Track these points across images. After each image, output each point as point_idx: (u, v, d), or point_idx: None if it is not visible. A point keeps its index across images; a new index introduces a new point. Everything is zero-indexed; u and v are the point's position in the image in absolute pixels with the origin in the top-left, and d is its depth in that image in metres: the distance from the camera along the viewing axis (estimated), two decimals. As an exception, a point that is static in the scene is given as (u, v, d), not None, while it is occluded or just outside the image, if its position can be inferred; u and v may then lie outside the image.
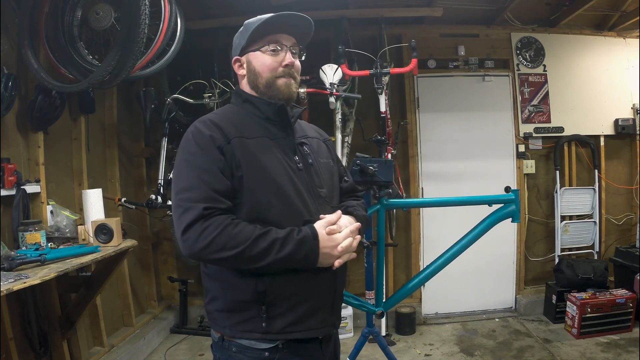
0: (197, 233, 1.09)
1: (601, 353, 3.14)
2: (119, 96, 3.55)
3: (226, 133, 1.19)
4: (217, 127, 1.20)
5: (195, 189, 1.13)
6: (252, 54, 1.29)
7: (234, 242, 1.09)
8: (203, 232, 1.09)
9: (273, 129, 1.28)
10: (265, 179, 1.18)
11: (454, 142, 3.96)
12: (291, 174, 1.23)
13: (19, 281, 1.77)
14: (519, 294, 4.01)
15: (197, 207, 1.11)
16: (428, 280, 2.32)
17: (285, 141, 1.29)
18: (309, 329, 1.22)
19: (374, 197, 2.29)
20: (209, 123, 1.22)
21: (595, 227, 4.00)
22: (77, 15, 2.55)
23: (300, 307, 1.20)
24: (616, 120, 4.03)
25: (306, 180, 1.27)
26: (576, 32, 4.05)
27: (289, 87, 1.29)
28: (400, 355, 3.26)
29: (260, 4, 3.31)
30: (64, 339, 2.65)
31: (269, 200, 1.18)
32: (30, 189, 2.49)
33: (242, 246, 1.09)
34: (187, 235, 1.10)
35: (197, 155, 1.16)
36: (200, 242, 1.09)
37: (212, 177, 1.14)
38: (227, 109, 1.34)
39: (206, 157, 1.16)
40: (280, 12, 1.27)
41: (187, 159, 1.18)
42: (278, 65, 1.27)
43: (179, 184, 1.16)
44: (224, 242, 1.09)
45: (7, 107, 2.36)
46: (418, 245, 3.94)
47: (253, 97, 1.31)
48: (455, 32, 3.97)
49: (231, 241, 1.09)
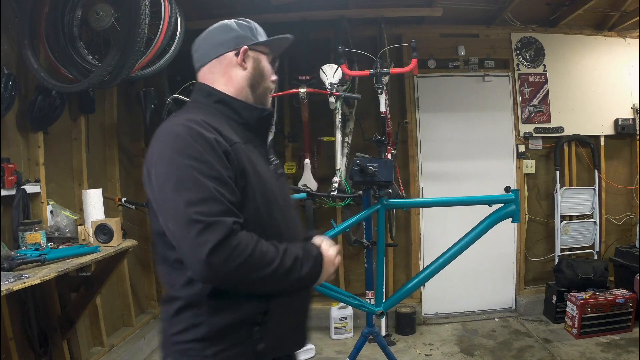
0: (226, 253, 0.95)
1: (601, 353, 3.14)
2: (119, 96, 3.55)
3: (225, 135, 1.07)
4: (214, 129, 1.07)
5: (215, 201, 0.98)
6: (261, 55, 1.24)
7: (266, 261, 1.00)
8: (234, 251, 0.96)
9: (250, 136, 1.18)
10: (265, 189, 1.12)
11: (454, 142, 3.96)
12: (276, 183, 1.19)
13: (19, 281, 1.77)
14: (519, 294, 4.01)
15: (225, 223, 0.96)
16: (428, 280, 2.31)
17: (263, 149, 1.23)
18: (290, 346, 1.20)
19: (374, 197, 2.29)
20: (205, 124, 1.06)
21: (595, 227, 4.00)
22: (77, 15, 2.55)
23: (289, 324, 1.17)
24: (616, 120, 4.03)
25: (283, 189, 1.25)
26: (576, 32, 4.05)
27: (269, 101, 1.29)
28: (400, 355, 3.26)
29: (260, 4, 3.31)
30: (64, 339, 2.65)
31: (271, 211, 1.13)
32: (30, 189, 2.49)
33: (272, 265, 1.01)
34: (216, 256, 0.94)
35: (206, 161, 1.00)
36: (231, 263, 0.95)
37: (227, 188, 1.01)
38: (201, 108, 1.17)
39: (216, 163, 1.02)
40: (287, 37, 1.28)
41: (194, 165, 0.99)
42: (271, 77, 1.27)
43: (190, 195, 0.97)
44: (257, 262, 0.99)
45: (7, 107, 2.36)
46: (418, 245, 3.94)
47: (231, 99, 1.19)
48: (455, 32, 3.97)
49: (263, 259, 1.00)
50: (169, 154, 1.02)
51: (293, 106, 3.67)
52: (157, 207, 1.06)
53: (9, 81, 2.33)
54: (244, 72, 1.21)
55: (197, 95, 1.22)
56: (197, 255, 0.95)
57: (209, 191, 0.98)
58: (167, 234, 1.04)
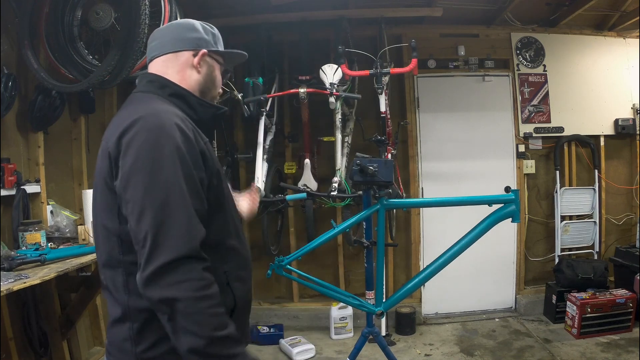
0: (185, 275, 0.90)
1: (601, 353, 3.14)
2: (119, 96, 3.54)
3: (198, 132, 1.07)
4: (191, 124, 1.06)
5: (184, 210, 0.94)
6: (216, 64, 1.24)
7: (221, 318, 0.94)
8: (200, 281, 0.91)
9: (202, 133, 1.14)
10: (224, 186, 1.11)
11: (454, 142, 3.96)
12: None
13: (19, 281, 1.77)
14: (519, 294, 4.01)
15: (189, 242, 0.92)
16: (428, 280, 2.31)
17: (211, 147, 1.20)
18: (247, 341, 1.18)
19: (374, 197, 2.29)
20: (181, 116, 1.05)
21: (595, 227, 4.00)
22: (77, 15, 2.55)
23: (245, 318, 1.17)
24: (616, 120, 4.03)
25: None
26: (576, 32, 4.05)
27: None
28: (400, 355, 3.26)
29: (260, 4, 3.31)
30: (64, 339, 2.65)
31: (229, 209, 1.12)
32: (30, 189, 2.49)
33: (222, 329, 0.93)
34: (170, 271, 0.90)
35: (186, 165, 0.97)
36: (181, 290, 0.89)
37: (198, 198, 0.98)
38: (159, 100, 1.10)
39: (194, 168, 0.99)
40: (241, 53, 1.31)
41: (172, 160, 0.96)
42: (219, 87, 1.27)
43: (158, 191, 0.93)
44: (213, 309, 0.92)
45: (7, 107, 2.36)
46: (418, 245, 3.94)
47: (189, 93, 1.15)
48: (455, 32, 3.98)
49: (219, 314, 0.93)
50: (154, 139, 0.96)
51: (293, 106, 3.67)
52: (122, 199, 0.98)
53: (9, 81, 2.33)
54: (197, 76, 1.18)
55: (150, 86, 1.14)
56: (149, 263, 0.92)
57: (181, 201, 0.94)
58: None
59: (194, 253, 0.92)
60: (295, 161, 3.81)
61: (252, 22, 3.54)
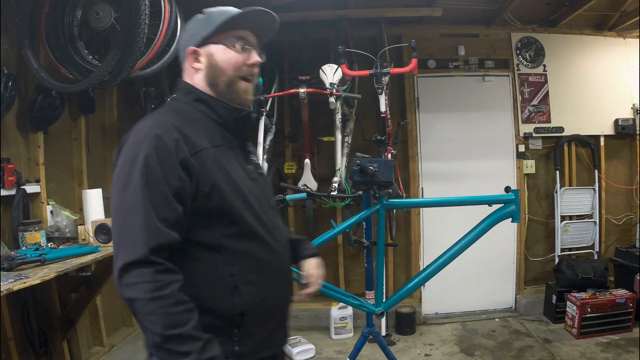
0: (137, 278, 0.96)
1: (601, 353, 3.14)
2: (119, 96, 3.55)
3: (192, 141, 1.06)
4: (181, 133, 1.05)
5: (141, 218, 0.99)
6: (215, 46, 1.16)
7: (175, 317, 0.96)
8: (137, 285, 0.96)
9: (228, 136, 1.16)
10: (236, 192, 1.10)
11: (454, 142, 3.96)
12: (251, 185, 1.16)
13: (19, 281, 1.77)
14: (519, 294, 4.01)
15: (138, 246, 0.97)
16: (428, 280, 2.32)
17: (241, 150, 1.21)
18: (274, 346, 1.18)
19: (374, 197, 2.29)
20: (172, 128, 1.05)
21: (595, 227, 4.00)
22: (77, 15, 2.55)
23: (270, 324, 1.15)
24: (616, 120, 4.03)
25: (261, 190, 1.21)
26: (576, 32, 4.05)
27: (247, 93, 1.19)
28: (400, 355, 3.26)
29: (260, 4, 3.30)
30: (64, 339, 2.65)
31: (241, 214, 1.09)
32: (30, 189, 2.50)
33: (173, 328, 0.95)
34: (123, 273, 0.97)
35: (154, 171, 1.00)
36: (130, 291, 0.96)
37: (165, 203, 1.01)
38: (179, 108, 1.16)
39: (163, 174, 1.01)
40: (253, 8, 1.16)
41: (140, 172, 1.01)
42: (242, 63, 1.16)
43: (125, 201, 1.01)
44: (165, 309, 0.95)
45: (7, 107, 2.36)
46: (418, 245, 3.94)
47: (209, 97, 1.16)
48: (455, 32, 3.97)
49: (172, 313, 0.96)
50: (131, 148, 1.04)
51: (293, 106, 3.67)
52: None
53: (9, 81, 2.33)
54: (200, 74, 1.17)
55: (178, 92, 1.20)
56: (115, 262, 1.00)
57: (142, 206, 0.99)
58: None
59: (145, 258, 0.97)
60: (295, 161, 3.81)
61: (252, 22, 3.53)
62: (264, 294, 1.12)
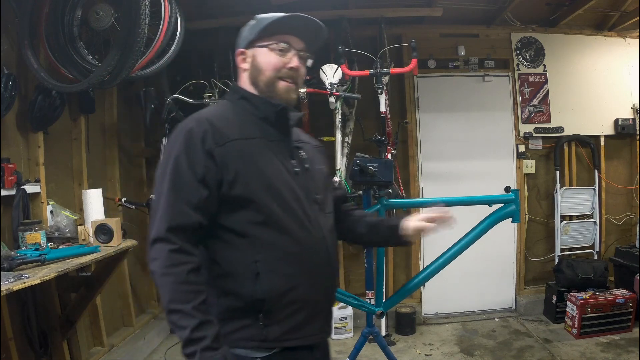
0: (156, 253, 1.08)
1: (601, 353, 3.14)
2: (119, 96, 3.55)
3: (222, 133, 1.15)
4: (212, 126, 1.15)
5: (168, 201, 1.11)
6: (259, 49, 1.25)
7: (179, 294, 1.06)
8: (158, 259, 1.08)
9: (270, 130, 1.24)
10: (263, 183, 1.15)
11: (454, 142, 3.96)
12: (289, 177, 1.20)
13: (19, 281, 1.77)
14: (519, 294, 4.01)
15: (162, 228, 1.09)
16: (428, 280, 2.32)
17: (283, 144, 1.25)
18: (306, 336, 1.19)
19: (374, 197, 2.29)
20: (205, 122, 1.16)
21: (595, 227, 4.00)
22: (77, 15, 2.55)
23: (299, 315, 1.17)
24: (616, 120, 4.03)
25: (303, 185, 1.23)
26: (576, 32, 4.05)
27: (288, 92, 1.26)
28: (400, 355, 3.26)
29: (260, 3, 3.30)
30: (64, 339, 2.65)
31: (268, 204, 1.14)
32: (30, 189, 2.49)
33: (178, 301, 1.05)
34: (152, 247, 1.10)
35: (182, 159, 1.12)
36: (153, 265, 1.08)
37: (189, 188, 1.11)
38: (224, 105, 1.29)
39: (192, 161, 1.12)
40: (296, 14, 1.24)
41: (171, 161, 1.13)
42: (282, 65, 1.23)
43: (158, 187, 1.14)
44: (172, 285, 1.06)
45: (7, 107, 2.35)
46: (418, 245, 3.93)
47: (251, 94, 1.26)
48: (455, 32, 3.97)
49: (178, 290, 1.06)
50: (169, 141, 1.20)
51: (293, 106, 3.66)
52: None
53: (9, 81, 2.33)
54: (245, 73, 1.28)
55: (228, 93, 1.35)
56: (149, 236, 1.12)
57: (170, 189, 1.11)
58: None
59: (164, 236, 1.08)
60: (295, 161, 3.80)
61: (252, 22, 3.53)
62: (289, 285, 1.15)
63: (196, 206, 1.11)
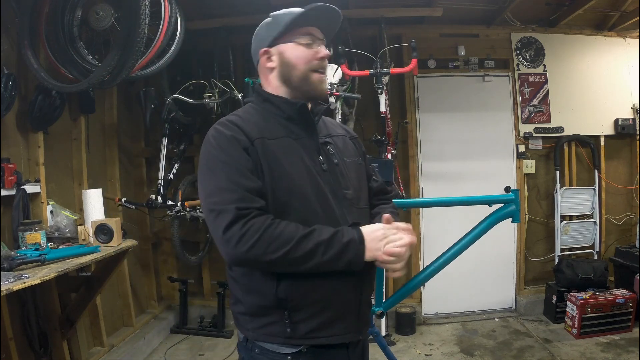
0: (237, 236, 1.05)
1: (601, 353, 3.14)
2: (119, 96, 3.55)
3: (247, 134, 1.16)
4: (238, 127, 1.17)
5: (226, 190, 1.09)
6: (285, 45, 1.24)
7: (277, 244, 1.06)
8: (244, 235, 1.05)
9: (295, 129, 1.24)
10: (286, 182, 1.15)
11: (454, 142, 3.96)
12: (315, 175, 1.19)
13: (19, 281, 1.77)
14: (519, 294, 4.01)
15: (230, 209, 1.07)
16: (428, 280, 2.31)
17: (309, 141, 1.24)
18: (333, 335, 1.18)
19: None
20: (229, 124, 1.18)
21: (595, 227, 4.00)
22: (77, 15, 2.55)
23: (325, 314, 1.17)
24: (616, 120, 4.03)
25: (331, 182, 1.22)
26: (576, 32, 4.05)
27: (322, 83, 1.26)
28: (400, 355, 3.26)
29: (260, 4, 3.31)
30: (64, 339, 2.65)
31: (290, 203, 1.14)
32: (30, 189, 2.49)
33: (285, 248, 1.06)
34: (227, 237, 1.06)
35: (222, 157, 1.13)
36: (242, 246, 1.05)
37: (242, 177, 1.11)
38: (248, 108, 1.29)
39: (232, 156, 1.12)
40: (316, 4, 1.23)
41: (212, 162, 1.14)
42: (313, 57, 1.23)
43: (208, 188, 1.13)
44: (266, 245, 1.05)
45: (7, 107, 2.36)
46: (418, 245, 3.94)
47: (273, 96, 1.26)
48: (455, 32, 3.97)
49: (274, 243, 1.06)
50: (201, 156, 1.19)
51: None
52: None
53: (9, 81, 2.33)
54: (273, 73, 1.27)
55: (253, 96, 1.33)
56: (217, 239, 1.09)
57: (221, 183, 1.10)
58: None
59: (235, 216, 1.08)
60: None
61: (252, 22, 3.47)
62: (310, 284, 1.14)
63: (258, 192, 1.11)
